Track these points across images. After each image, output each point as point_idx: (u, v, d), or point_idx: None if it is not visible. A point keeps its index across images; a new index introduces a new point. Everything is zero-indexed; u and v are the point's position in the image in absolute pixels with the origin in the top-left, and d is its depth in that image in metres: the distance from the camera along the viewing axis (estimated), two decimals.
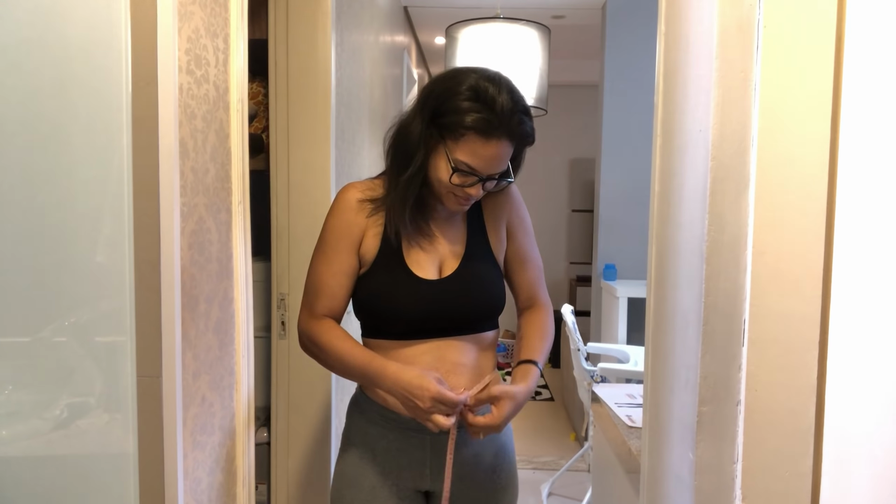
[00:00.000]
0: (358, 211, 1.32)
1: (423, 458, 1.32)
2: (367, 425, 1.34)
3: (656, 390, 1.11)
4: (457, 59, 2.78)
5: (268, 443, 2.05)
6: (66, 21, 0.98)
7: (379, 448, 1.33)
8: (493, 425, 1.21)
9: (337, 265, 1.31)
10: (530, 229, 1.46)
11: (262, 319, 2.06)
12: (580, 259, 6.10)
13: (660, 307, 1.10)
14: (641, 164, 3.61)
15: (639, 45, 3.61)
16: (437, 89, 1.25)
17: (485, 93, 1.19)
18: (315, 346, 1.31)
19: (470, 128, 1.19)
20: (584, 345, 3.25)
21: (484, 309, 1.32)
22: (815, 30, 0.85)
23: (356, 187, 1.34)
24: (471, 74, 1.23)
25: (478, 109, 1.19)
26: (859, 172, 0.85)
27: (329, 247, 1.32)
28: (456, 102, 1.20)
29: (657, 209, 1.12)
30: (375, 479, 1.32)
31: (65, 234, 1.01)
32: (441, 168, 1.24)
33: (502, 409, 1.21)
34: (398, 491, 1.32)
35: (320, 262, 1.33)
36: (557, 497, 3.30)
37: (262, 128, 2.20)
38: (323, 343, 1.29)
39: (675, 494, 1.02)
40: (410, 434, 1.31)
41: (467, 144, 1.20)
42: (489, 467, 1.36)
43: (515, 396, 1.23)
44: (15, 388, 1.02)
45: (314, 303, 1.32)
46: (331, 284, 1.31)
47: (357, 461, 1.34)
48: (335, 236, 1.32)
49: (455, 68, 1.30)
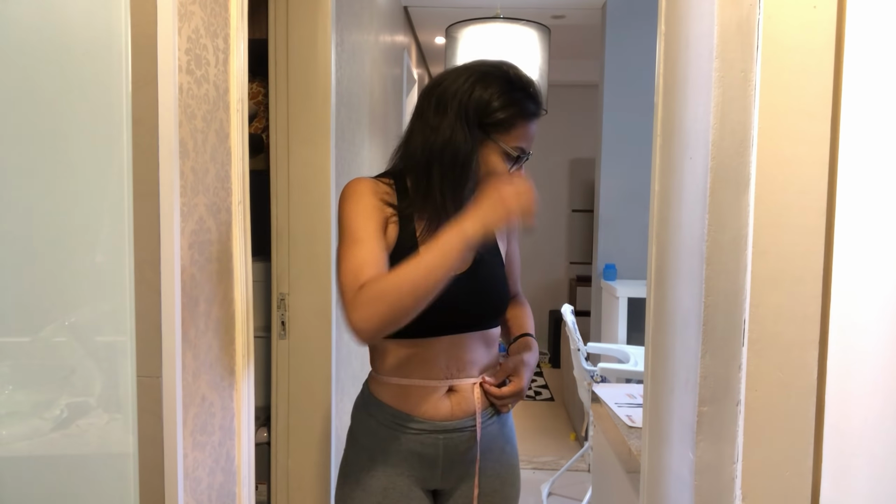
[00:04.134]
0: (378, 196, 1.28)
1: (435, 457, 1.32)
2: (377, 427, 1.33)
3: (656, 390, 1.11)
4: (457, 59, 2.78)
5: (268, 443, 2.05)
6: (66, 21, 0.98)
7: (391, 449, 1.32)
8: (518, 391, 1.35)
9: (373, 241, 1.21)
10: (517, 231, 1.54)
11: (262, 319, 2.06)
12: (580, 259, 6.10)
13: (660, 307, 1.10)
14: (641, 164, 3.61)
15: (639, 45, 3.61)
16: (468, 97, 1.26)
17: (520, 80, 1.30)
18: (377, 300, 1.11)
19: (520, 116, 1.27)
20: (584, 345, 3.25)
21: (498, 304, 1.37)
22: (815, 30, 0.85)
23: (370, 182, 1.32)
24: (492, 68, 1.31)
25: (521, 97, 1.28)
26: (859, 172, 0.85)
27: (358, 228, 1.22)
28: (503, 99, 1.26)
29: (657, 209, 1.12)
30: (387, 480, 1.32)
31: (65, 234, 1.01)
32: (495, 161, 1.28)
33: (521, 376, 1.35)
34: (408, 492, 1.32)
35: (354, 245, 1.20)
36: (557, 497, 3.30)
37: (262, 128, 2.20)
38: (384, 283, 1.13)
39: (675, 494, 1.02)
40: (424, 435, 1.31)
41: (518, 130, 1.28)
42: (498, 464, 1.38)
43: (528, 363, 1.38)
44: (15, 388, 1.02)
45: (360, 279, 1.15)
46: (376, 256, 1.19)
47: (367, 463, 1.33)
48: (362, 216, 1.23)
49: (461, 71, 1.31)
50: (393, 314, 1.11)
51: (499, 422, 1.39)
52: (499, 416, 1.39)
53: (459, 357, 1.31)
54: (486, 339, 1.36)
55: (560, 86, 5.47)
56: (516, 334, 1.46)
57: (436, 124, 1.27)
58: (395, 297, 1.10)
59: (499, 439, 1.38)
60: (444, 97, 1.28)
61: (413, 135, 1.31)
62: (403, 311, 1.11)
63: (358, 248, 1.19)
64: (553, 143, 5.92)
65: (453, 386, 1.32)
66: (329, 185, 1.96)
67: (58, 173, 1.00)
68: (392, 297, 1.10)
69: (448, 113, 1.26)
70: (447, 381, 1.31)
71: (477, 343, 1.34)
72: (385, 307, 1.11)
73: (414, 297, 1.11)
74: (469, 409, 1.32)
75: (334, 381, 2.04)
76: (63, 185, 1.00)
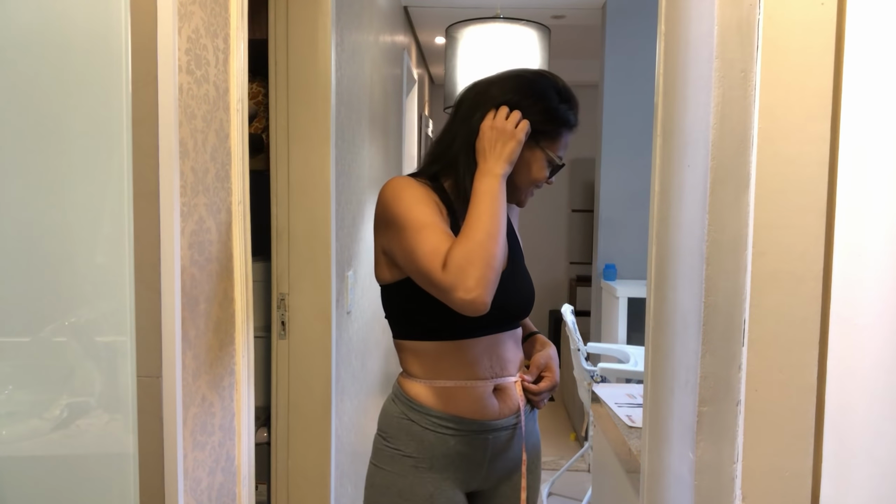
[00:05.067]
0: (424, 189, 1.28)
1: (482, 458, 1.34)
2: (423, 432, 1.31)
3: (656, 390, 1.11)
4: (457, 58, 2.78)
5: (268, 443, 2.05)
6: (66, 21, 0.98)
7: (438, 454, 1.31)
8: (553, 385, 1.41)
9: (439, 224, 1.20)
10: None
11: (262, 319, 2.06)
12: (580, 259, 6.10)
13: (660, 307, 1.10)
14: (641, 164, 3.62)
15: (639, 45, 3.61)
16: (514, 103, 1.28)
17: (566, 91, 1.34)
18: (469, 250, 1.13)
19: (565, 125, 1.34)
20: (584, 345, 3.25)
21: (531, 301, 1.41)
22: (815, 29, 0.85)
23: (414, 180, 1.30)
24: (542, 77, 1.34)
25: (568, 108, 1.33)
26: (859, 172, 0.85)
27: (422, 215, 1.20)
28: (549, 108, 1.31)
29: (657, 209, 1.12)
30: (433, 486, 1.31)
31: (65, 234, 1.01)
32: (538, 167, 1.33)
33: (552, 371, 1.42)
34: (453, 495, 1.32)
35: (423, 232, 1.18)
36: (557, 497, 3.30)
37: (262, 128, 2.20)
38: (465, 236, 1.15)
39: (675, 494, 1.02)
40: (473, 436, 1.31)
41: (562, 139, 1.35)
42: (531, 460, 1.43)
43: (554, 357, 1.45)
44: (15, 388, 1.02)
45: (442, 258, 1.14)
46: (444, 240, 1.17)
47: (411, 471, 1.31)
48: (420, 204, 1.22)
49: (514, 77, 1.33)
50: (489, 268, 1.12)
51: (532, 418, 1.44)
52: (532, 412, 1.43)
53: (500, 355, 1.34)
54: (516, 337, 1.41)
55: None
56: (524, 333, 1.49)
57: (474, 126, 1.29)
58: (481, 252, 1.12)
59: (532, 436, 1.44)
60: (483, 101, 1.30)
61: (454, 137, 1.31)
62: (495, 261, 1.14)
63: (427, 233, 1.18)
64: None
65: (498, 385, 1.34)
66: (329, 185, 1.96)
67: (58, 173, 1.00)
68: (480, 254, 1.12)
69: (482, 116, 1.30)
70: (492, 380, 1.33)
71: (511, 341, 1.38)
72: (483, 264, 1.12)
73: (495, 244, 1.14)
74: (514, 407, 1.36)
75: (334, 381, 2.04)
76: (63, 185, 1.00)
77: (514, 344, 1.39)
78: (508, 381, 1.35)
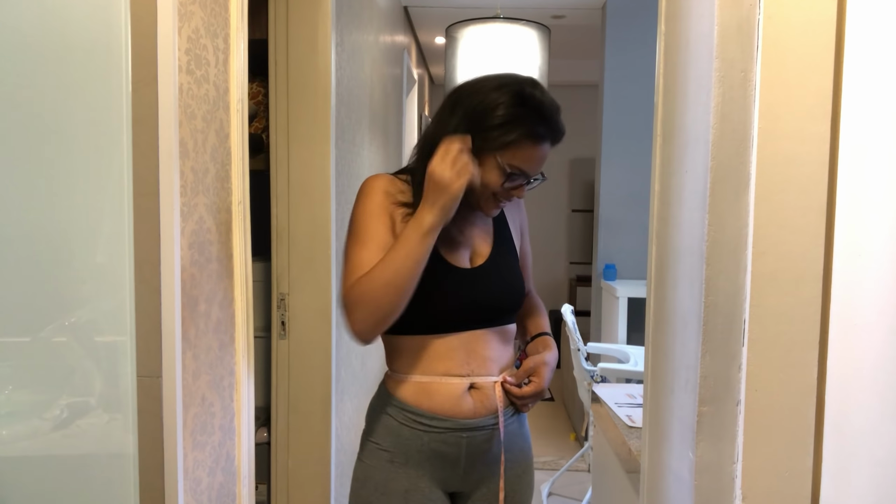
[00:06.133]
0: (390, 198, 1.30)
1: (458, 456, 1.32)
2: (399, 427, 1.31)
3: (656, 390, 1.11)
4: (457, 58, 2.78)
5: (268, 443, 2.05)
6: (66, 21, 0.98)
7: (412, 450, 1.31)
8: (539, 391, 1.35)
9: (376, 243, 1.25)
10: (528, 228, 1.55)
11: (262, 319, 2.06)
12: (580, 259, 6.10)
13: (660, 307, 1.10)
14: (641, 164, 3.61)
15: (639, 45, 3.61)
16: (477, 99, 1.25)
17: (532, 99, 1.25)
18: (361, 295, 1.19)
19: (523, 135, 1.24)
20: (584, 345, 3.25)
21: (513, 299, 1.37)
22: (815, 30, 0.85)
23: (386, 179, 1.33)
24: (510, 82, 1.27)
25: (528, 116, 1.24)
26: (859, 172, 0.85)
27: (364, 228, 1.27)
28: (505, 111, 1.23)
29: (657, 209, 1.12)
30: (408, 482, 1.30)
31: (65, 234, 1.01)
32: (490, 174, 1.26)
33: (542, 375, 1.35)
34: (430, 493, 1.31)
35: (356, 246, 1.26)
36: (557, 497, 3.30)
37: (262, 128, 2.20)
38: (365, 280, 1.20)
39: (675, 494, 1.02)
40: (447, 433, 1.30)
41: (520, 150, 1.25)
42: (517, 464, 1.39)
43: (549, 362, 1.37)
44: (15, 388, 1.02)
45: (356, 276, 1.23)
46: (367, 266, 1.23)
47: (387, 465, 1.31)
48: (371, 218, 1.27)
49: (488, 77, 1.30)
50: (377, 313, 1.20)
51: (518, 421, 1.39)
52: (518, 416, 1.39)
53: (478, 353, 1.31)
54: (503, 335, 1.37)
55: (560, 86, 5.46)
56: (533, 333, 1.45)
57: (444, 121, 1.29)
58: (373, 298, 1.19)
59: (518, 439, 1.39)
60: (461, 99, 1.29)
61: (429, 138, 1.31)
62: (386, 309, 1.20)
63: (360, 250, 1.25)
64: None
65: (475, 383, 1.31)
66: (329, 185, 1.96)
67: (58, 173, 1.00)
68: (370, 298, 1.19)
69: (457, 113, 1.27)
70: (468, 378, 1.30)
71: (494, 339, 1.34)
72: (369, 308, 1.19)
73: (388, 294, 1.19)
74: (491, 408, 1.32)
75: (334, 381, 2.04)
76: (63, 185, 1.00)
77: (499, 342, 1.35)
78: (486, 380, 1.32)
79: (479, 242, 1.36)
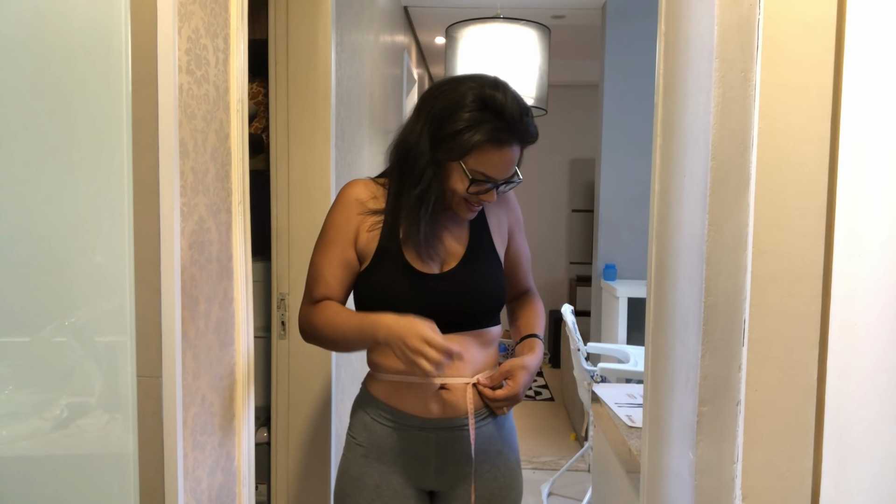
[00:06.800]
0: (359, 208, 1.32)
1: (427, 455, 1.32)
2: (372, 423, 1.34)
3: (656, 390, 1.11)
4: (457, 58, 2.78)
5: (268, 443, 2.05)
6: (66, 21, 0.98)
7: (384, 446, 1.32)
8: (513, 395, 1.31)
9: (334, 257, 1.32)
10: (523, 224, 1.51)
11: (262, 319, 2.06)
12: (580, 259, 6.10)
13: (660, 307, 1.10)
14: (641, 164, 3.62)
15: (639, 45, 3.61)
16: (440, 104, 1.24)
17: (493, 101, 1.21)
18: (312, 328, 1.33)
19: (484, 140, 1.20)
20: (584, 345, 3.25)
21: (486, 303, 1.34)
22: (815, 30, 0.85)
23: (361, 186, 1.35)
24: (472, 85, 1.23)
25: (489, 119, 1.20)
26: (859, 172, 0.85)
27: (328, 240, 1.34)
28: (465, 115, 1.21)
29: (657, 209, 1.12)
30: (380, 477, 1.32)
31: (65, 234, 1.01)
32: (455, 180, 1.25)
33: (518, 379, 1.31)
34: (402, 490, 1.32)
35: (319, 255, 1.35)
36: (557, 497, 3.30)
37: (262, 128, 2.20)
38: (319, 321, 1.31)
39: (675, 494, 1.02)
40: (415, 432, 1.31)
41: (483, 155, 1.22)
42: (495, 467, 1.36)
43: (527, 366, 1.33)
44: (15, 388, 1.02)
45: (313, 291, 1.34)
46: (326, 276, 1.32)
47: (361, 460, 1.34)
48: (334, 229, 1.34)
49: (452, 79, 1.29)
50: (322, 347, 1.39)
51: (495, 423, 1.36)
52: (495, 418, 1.36)
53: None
54: (481, 338, 1.34)
55: (560, 86, 5.47)
56: (523, 334, 1.43)
57: (411, 126, 1.28)
58: (319, 341, 1.35)
59: (496, 441, 1.36)
60: (425, 104, 1.28)
61: (398, 138, 1.32)
62: (330, 349, 1.45)
63: (322, 257, 1.34)
64: (553, 143, 5.92)
65: (446, 384, 1.30)
66: (329, 185, 1.96)
67: (58, 173, 1.00)
68: (317, 339, 1.35)
69: (421, 118, 1.27)
70: (438, 378, 1.29)
71: (470, 342, 1.32)
72: (314, 341, 1.36)
73: (333, 346, 1.42)
74: (461, 409, 1.31)
75: (334, 381, 2.04)
76: (63, 185, 1.00)
77: (476, 345, 1.33)
78: (458, 381, 1.30)
79: (453, 245, 1.34)
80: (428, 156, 1.24)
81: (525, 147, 1.28)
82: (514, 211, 1.47)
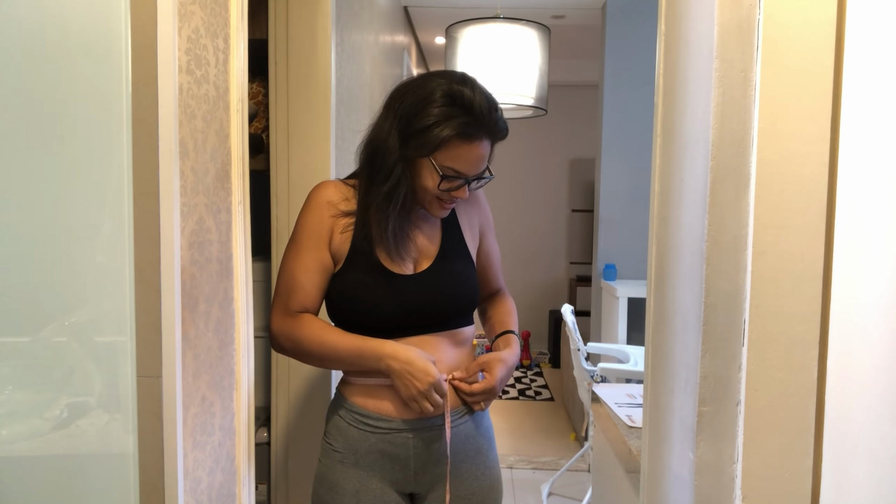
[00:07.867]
0: (331, 210, 1.31)
1: (406, 457, 1.31)
2: (347, 428, 1.32)
3: (656, 390, 1.11)
4: (457, 58, 2.78)
5: (268, 443, 2.05)
6: (66, 21, 0.98)
7: (361, 451, 1.31)
8: (490, 388, 1.30)
9: (310, 262, 1.30)
10: (493, 224, 1.51)
11: (262, 319, 2.06)
12: (580, 259, 6.10)
13: (660, 307, 1.10)
14: (641, 164, 3.62)
15: (639, 45, 3.61)
16: (408, 101, 1.24)
17: (461, 96, 1.21)
18: (294, 342, 1.29)
19: (453, 134, 1.20)
20: (584, 345, 3.25)
21: (460, 303, 1.34)
22: (815, 30, 0.85)
23: (331, 188, 1.34)
24: (440, 81, 1.24)
25: (458, 114, 1.21)
26: (859, 172, 0.85)
27: (301, 244, 1.32)
28: (433, 111, 1.21)
29: (657, 209, 1.12)
30: (359, 483, 1.30)
31: (65, 234, 1.01)
32: (426, 177, 1.25)
33: (494, 372, 1.30)
34: (382, 494, 1.31)
35: (292, 260, 1.32)
36: (557, 497, 3.30)
37: (262, 128, 2.20)
38: (305, 336, 1.28)
39: (675, 494, 1.02)
40: (393, 435, 1.30)
41: (452, 150, 1.22)
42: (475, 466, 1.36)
43: (504, 359, 1.33)
44: (15, 388, 1.02)
45: (288, 300, 1.31)
46: (303, 282, 1.30)
47: (338, 465, 1.32)
48: (307, 233, 1.31)
49: (419, 77, 1.29)
50: (301, 361, 1.34)
51: (473, 421, 1.35)
52: (472, 416, 1.35)
53: None
54: (455, 338, 1.34)
55: (560, 86, 5.48)
56: (498, 332, 1.43)
57: (380, 125, 1.28)
58: (298, 355, 1.32)
59: (475, 439, 1.35)
60: (393, 102, 1.27)
61: (368, 136, 1.32)
62: (309, 364, 1.35)
63: (294, 260, 1.32)
64: (553, 143, 5.92)
65: None
66: None
67: (58, 173, 1.00)
68: (298, 353, 1.31)
69: (390, 115, 1.26)
70: None
71: (444, 343, 1.31)
72: (292, 354, 1.33)
73: (313, 363, 1.34)
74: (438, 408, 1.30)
75: (334, 382, 2.04)
76: (63, 185, 1.00)
77: (450, 345, 1.32)
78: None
79: (426, 245, 1.34)
80: (397, 153, 1.24)
81: (495, 143, 1.28)
82: (484, 211, 1.47)
